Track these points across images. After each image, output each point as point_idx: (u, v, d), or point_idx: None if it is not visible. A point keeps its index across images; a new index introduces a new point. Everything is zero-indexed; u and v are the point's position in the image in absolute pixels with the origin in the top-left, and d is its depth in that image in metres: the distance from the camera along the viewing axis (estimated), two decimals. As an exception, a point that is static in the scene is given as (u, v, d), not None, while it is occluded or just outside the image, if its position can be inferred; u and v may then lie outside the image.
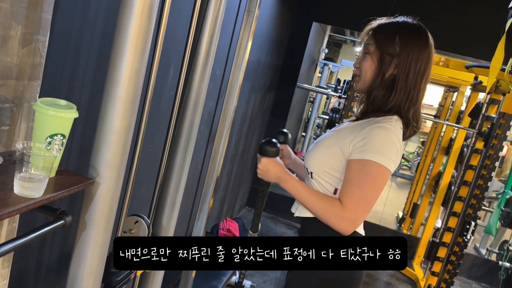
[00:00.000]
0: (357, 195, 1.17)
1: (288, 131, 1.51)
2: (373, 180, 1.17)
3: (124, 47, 0.94)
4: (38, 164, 0.82)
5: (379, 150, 1.17)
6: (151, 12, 0.96)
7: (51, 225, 0.89)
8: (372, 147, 1.18)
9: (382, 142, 1.18)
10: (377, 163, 1.16)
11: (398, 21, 1.27)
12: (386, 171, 1.18)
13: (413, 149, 11.31)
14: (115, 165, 1.01)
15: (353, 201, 1.17)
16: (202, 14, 1.36)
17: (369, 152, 1.17)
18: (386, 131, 1.19)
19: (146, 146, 1.80)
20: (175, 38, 1.73)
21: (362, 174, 1.18)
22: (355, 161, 1.20)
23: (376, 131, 1.19)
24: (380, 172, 1.17)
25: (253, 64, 3.35)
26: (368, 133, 1.20)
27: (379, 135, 1.19)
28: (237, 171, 3.88)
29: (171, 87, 1.86)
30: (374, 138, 1.18)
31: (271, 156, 1.32)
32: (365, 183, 1.17)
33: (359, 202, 1.17)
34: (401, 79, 1.21)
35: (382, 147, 1.18)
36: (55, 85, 1.13)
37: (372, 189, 1.17)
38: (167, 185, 1.47)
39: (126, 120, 1.00)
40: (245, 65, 1.24)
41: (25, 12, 0.94)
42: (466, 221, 3.19)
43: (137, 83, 0.99)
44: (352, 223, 1.17)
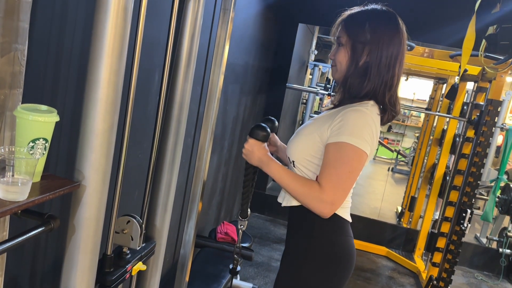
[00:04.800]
0: (333, 178, 1.19)
1: (275, 119, 1.54)
2: (348, 162, 1.19)
3: (101, 49, 0.96)
4: (21, 168, 0.83)
5: (352, 132, 1.19)
6: (126, 13, 0.98)
7: (38, 229, 0.90)
8: (346, 129, 1.20)
9: (356, 124, 1.21)
10: (351, 144, 1.19)
11: (368, 9, 1.30)
12: (361, 152, 1.20)
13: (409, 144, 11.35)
14: (100, 167, 1.02)
15: (330, 183, 1.19)
16: (181, 15, 1.38)
17: (343, 134, 1.20)
18: (360, 114, 1.21)
19: (135, 152, 1.81)
20: (158, 43, 1.75)
21: (338, 156, 1.20)
22: (331, 144, 1.22)
23: (350, 114, 1.21)
24: (354, 153, 1.19)
25: (240, 67, 3.37)
26: (343, 116, 1.22)
27: (353, 117, 1.21)
28: (233, 175, 3.89)
29: (156, 92, 1.88)
30: (348, 120, 1.21)
31: (259, 139, 1.36)
32: (341, 165, 1.19)
33: (336, 184, 1.19)
34: (374, 65, 1.24)
35: (356, 129, 1.20)
36: (38, 92, 1.14)
37: (348, 170, 1.19)
38: (158, 187, 1.48)
39: (108, 121, 1.01)
40: (224, 65, 1.26)
41: (1, 21, 0.95)
42: (462, 209, 3.20)
43: (117, 84, 1.01)
44: (331, 206, 1.20)
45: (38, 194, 0.88)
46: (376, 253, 4.36)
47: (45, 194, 0.88)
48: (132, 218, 1.23)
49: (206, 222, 3.32)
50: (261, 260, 3.77)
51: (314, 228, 1.29)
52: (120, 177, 1.19)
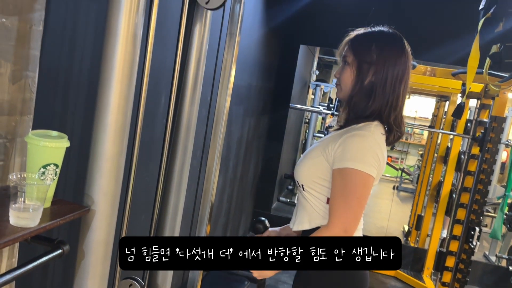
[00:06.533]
0: (342, 206, 1.20)
1: (264, 218, 1.55)
2: (355, 188, 1.20)
3: (111, 74, 0.97)
4: (32, 194, 0.83)
5: (355, 157, 1.20)
6: (135, 39, 1.00)
7: (49, 255, 0.90)
8: (348, 154, 1.21)
9: (358, 149, 1.21)
10: (356, 169, 1.19)
11: (374, 30, 1.32)
12: (367, 177, 1.20)
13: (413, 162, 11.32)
14: (110, 191, 1.03)
15: (339, 212, 1.20)
16: (188, 40, 1.40)
17: (346, 160, 1.20)
18: (361, 138, 1.22)
19: (142, 175, 1.81)
20: (164, 67, 1.77)
21: (344, 183, 1.20)
22: (336, 170, 1.23)
23: (351, 139, 1.22)
24: (360, 178, 1.19)
25: (244, 89, 3.40)
26: (344, 142, 1.23)
27: (354, 142, 1.22)
28: (238, 196, 3.88)
29: (163, 115, 1.89)
30: (350, 145, 1.22)
31: (263, 231, 1.35)
32: (348, 193, 1.20)
33: (345, 212, 1.19)
34: (379, 86, 1.25)
35: (358, 153, 1.20)
36: (47, 119, 1.16)
37: (356, 197, 1.19)
38: (165, 210, 1.48)
39: (118, 145, 1.02)
40: (231, 88, 1.27)
41: (13, 49, 0.97)
42: (470, 227, 3.17)
43: (126, 109, 1.02)
44: (345, 233, 1.20)
45: (49, 219, 0.88)
46: (384, 274, 4.30)
47: (56, 220, 0.88)
48: (134, 282, 1.23)
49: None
50: (268, 282, 3.72)
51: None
52: (128, 201, 1.19)
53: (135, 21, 1.00)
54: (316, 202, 1.31)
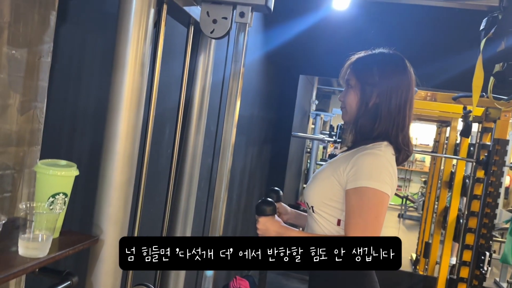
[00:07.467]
0: (360, 226, 1.17)
1: (279, 189, 1.54)
2: (372, 207, 1.18)
3: (119, 102, 0.98)
4: (41, 224, 0.82)
5: (370, 175, 1.19)
6: (143, 68, 1.01)
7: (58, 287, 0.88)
8: (362, 173, 1.19)
9: (372, 167, 1.20)
10: (371, 188, 1.17)
11: (375, 52, 1.34)
12: (383, 195, 1.18)
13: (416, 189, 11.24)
14: (118, 221, 1.01)
15: (358, 232, 1.17)
16: (192, 69, 1.41)
17: (361, 179, 1.19)
18: (373, 157, 1.21)
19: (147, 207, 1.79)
20: (169, 96, 1.79)
21: (360, 202, 1.18)
22: (350, 190, 1.21)
23: (364, 158, 1.22)
24: (376, 197, 1.18)
25: (246, 119, 3.42)
26: (356, 161, 1.22)
27: (367, 160, 1.21)
28: (242, 227, 3.83)
29: (167, 146, 1.89)
30: (363, 164, 1.21)
31: (268, 214, 1.34)
32: (366, 212, 1.18)
33: (364, 231, 1.17)
34: (384, 107, 1.26)
35: (372, 171, 1.19)
36: (55, 149, 1.15)
37: (374, 216, 1.17)
38: (172, 241, 1.45)
39: (126, 174, 1.01)
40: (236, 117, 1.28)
41: (22, 81, 0.98)
42: (480, 252, 3.12)
43: (134, 138, 1.02)
44: None
45: (58, 250, 0.86)
46: (394, 303, 4.18)
47: (65, 250, 0.86)
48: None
49: (218, 277, 3.22)
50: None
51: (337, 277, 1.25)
52: (136, 231, 1.17)
53: (142, 51, 1.01)
54: (326, 224, 1.29)
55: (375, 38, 3.79)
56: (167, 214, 1.44)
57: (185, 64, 1.36)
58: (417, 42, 3.62)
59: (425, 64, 3.92)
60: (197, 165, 1.51)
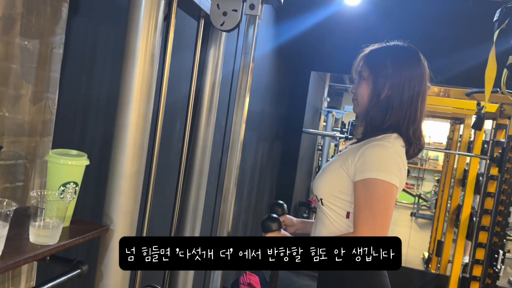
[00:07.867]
0: (369, 218, 1.16)
1: (283, 202, 1.55)
2: (381, 199, 1.17)
3: (130, 93, 0.98)
4: (52, 212, 0.83)
5: (378, 167, 1.18)
6: (153, 59, 1.02)
7: (68, 274, 0.89)
8: (370, 165, 1.19)
9: (379, 159, 1.19)
10: (380, 179, 1.16)
11: (389, 45, 1.32)
12: (391, 186, 1.17)
13: (429, 188, 11.14)
14: (128, 211, 1.02)
15: (367, 224, 1.16)
16: (202, 62, 1.42)
17: (369, 170, 1.18)
18: (381, 148, 1.20)
19: (158, 199, 1.80)
20: (180, 89, 1.80)
21: (368, 194, 1.18)
22: (358, 182, 1.20)
23: (371, 149, 1.21)
24: (384, 188, 1.17)
25: (257, 115, 3.42)
26: (364, 153, 1.21)
27: (375, 152, 1.20)
28: (253, 223, 3.83)
29: (178, 140, 1.90)
30: (370, 156, 1.20)
31: (274, 230, 1.35)
32: (374, 204, 1.17)
33: (373, 224, 1.16)
34: (396, 99, 1.24)
35: (380, 163, 1.18)
36: (67, 140, 1.17)
37: (383, 208, 1.16)
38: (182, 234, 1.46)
39: (136, 165, 1.02)
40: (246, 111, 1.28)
41: (34, 72, 1.00)
42: (494, 250, 3.08)
43: (144, 128, 1.03)
44: None
45: (68, 238, 0.87)
46: (405, 302, 4.15)
47: (75, 238, 0.87)
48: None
49: (228, 272, 3.23)
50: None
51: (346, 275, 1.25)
52: (146, 221, 1.18)
53: (153, 42, 1.01)
54: (335, 217, 1.28)
55: (387, 33, 3.76)
56: (177, 206, 1.45)
57: (195, 57, 1.36)
58: (430, 37, 3.58)
59: (438, 58, 3.88)
60: (207, 158, 1.52)
